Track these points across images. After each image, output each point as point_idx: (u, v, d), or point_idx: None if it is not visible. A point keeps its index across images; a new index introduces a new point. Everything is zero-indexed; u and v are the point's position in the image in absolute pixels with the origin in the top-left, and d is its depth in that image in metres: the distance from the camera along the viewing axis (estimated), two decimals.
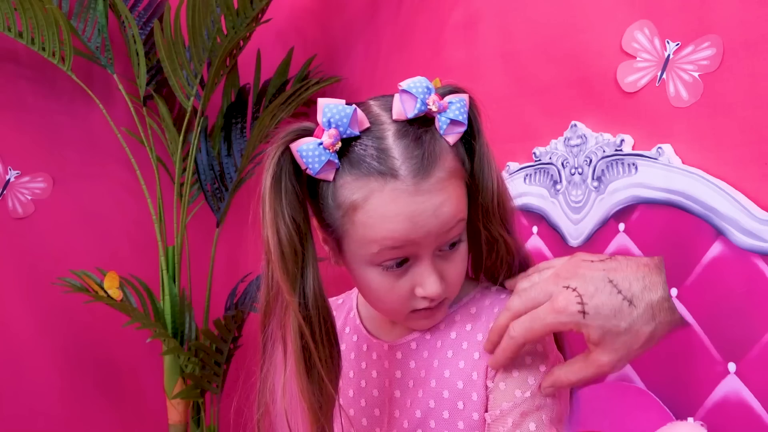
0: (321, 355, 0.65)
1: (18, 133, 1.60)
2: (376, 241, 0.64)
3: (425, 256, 0.66)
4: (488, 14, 1.29)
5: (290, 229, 0.64)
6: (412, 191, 0.64)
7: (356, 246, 0.66)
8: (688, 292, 0.96)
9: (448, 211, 0.65)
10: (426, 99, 0.65)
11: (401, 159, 0.64)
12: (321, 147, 0.64)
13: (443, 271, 0.67)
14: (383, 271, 0.66)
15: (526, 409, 0.67)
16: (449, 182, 0.66)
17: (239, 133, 1.64)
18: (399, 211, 0.63)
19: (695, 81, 0.97)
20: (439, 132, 0.66)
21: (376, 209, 0.64)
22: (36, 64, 1.59)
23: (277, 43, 1.78)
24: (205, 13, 1.41)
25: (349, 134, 0.64)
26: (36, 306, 1.58)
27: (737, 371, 0.91)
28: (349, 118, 0.64)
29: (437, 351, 0.73)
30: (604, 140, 1.08)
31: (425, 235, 0.64)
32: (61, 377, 1.61)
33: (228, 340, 1.47)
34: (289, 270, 0.64)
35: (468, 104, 0.68)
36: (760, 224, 0.89)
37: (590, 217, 1.10)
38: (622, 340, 0.62)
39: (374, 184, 0.64)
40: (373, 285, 0.68)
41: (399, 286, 0.67)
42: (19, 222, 1.60)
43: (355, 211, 0.65)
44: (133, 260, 1.63)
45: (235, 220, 1.71)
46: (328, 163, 0.64)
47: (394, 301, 0.68)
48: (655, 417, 0.96)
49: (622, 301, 0.62)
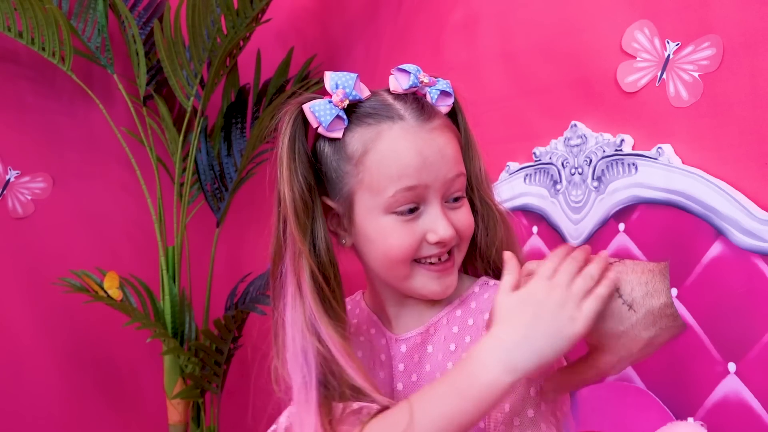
0: (333, 294, 0.72)
1: (18, 133, 1.60)
2: (391, 180, 0.70)
3: (435, 202, 0.71)
4: (488, 14, 1.29)
5: (302, 186, 0.72)
6: (418, 129, 0.71)
7: (369, 195, 0.72)
8: (688, 292, 0.96)
9: (451, 153, 0.72)
10: (418, 75, 0.74)
11: (404, 108, 0.72)
12: (331, 104, 0.72)
13: (452, 220, 0.72)
14: (397, 217, 0.71)
15: (525, 395, 0.68)
16: (448, 132, 0.74)
17: (239, 133, 1.64)
18: (409, 146, 0.70)
19: (695, 81, 0.97)
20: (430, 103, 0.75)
21: (389, 145, 0.71)
22: (36, 64, 1.59)
23: (277, 43, 1.78)
24: (205, 13, 1.41)
25: (354, 96, 0.72)
26: (36, 306, 1.58)
27: (737, 371, 0.91)
28: (354, 81, 0.72)
29: (441, 345, 0.75)
30: (604, 140, 1.08)
31: (434, 176, 0.70)
32: (61, 377, 1.61)
33: (228, 340, 1.47)
34: (301, 221, 0.72)
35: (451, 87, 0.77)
36: (760, 224, 0.89)
37: (590, 217, 1.10)
38: (620, 343, 0.63)
39: (383, 126, 0.71)
40: (386, 234, 0.72)
41: (412, 233, 0.71)
42: (19, 222, 1.60)
43: (366, 154, 0.71)
44: (133, 260, 1.63)
45: (235, 220, 1.71)
46: (338, 118, 0.72)
47: (406, 249, 0.71)
48: (655, 417, 0.96)
49: (621, 305, 0.62)
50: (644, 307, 0.62)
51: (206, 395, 1.54)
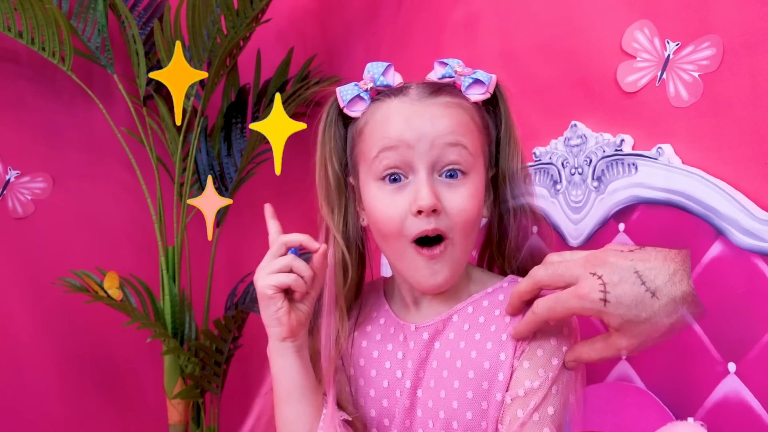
0: (354, 268, 0.78)
1: (18, 133, 1.60)
2: (375, 142, 0.73)
3: (421, 170, 0.72)
4: (488, 14, 1.29)
5: (331, 167, 0.77)
6: (415, 102, 0.74)
7: (364, 163, 0.75)
8: None
9: (446, 123, 0.73)
10: (455, 66, 0.76)
11: (414, 87, 0.76)
12: (356, 86, 0.77)
13: (443, 198, 0.72)
14: (384, 186, 0.73)
15: (547, 392, 0.70)
16: (455, 108, 0.74)
17: (239, 133, 1.64)
18: (399, 113, 0.73)
19: (695, 81, 0.97)
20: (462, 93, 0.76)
21: (381, 117, 0.74)
22: (36, 64, 1.59)
23: (277, 43, 1.78)
24: (205, 13, 1.41)
25: (382, 82, 0.76)
26: (36, 306, 1.58)
27: (737, 371, 0.91)
28: (384, 68, 0.76)
29: (464, 333, 0.75)
30: (604, 140, 1.08)
31: (418, 137, 0.71)
32: (61, 377, 1.61)
33: (228, 340, 1.47)
34: (331, 201, 0.77)
35: (495, 81, 0.78)
36: (760, 224, 0.89)
37: (590, 217, 1.10)
38: (641, 329, 0.64)
39: (385, 102, 0.75)
40: (376, 204, 0.74)
41: (397, 204, 0.73)
42: (19, 222, 1.59)
43: (366, 125, 0.76)
44: (133, 260, 1.63)
45: (235, 220, 1.71)
46: (359, 98, 0.76)
47: (392, 219, 0.73)
48: (655, 417, 0.96)
49: (644, 293, 0.63)
50: (667, 294, 0.63)
51: (206, 395, 1.54)
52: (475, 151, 0.74)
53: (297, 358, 0.74)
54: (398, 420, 0.76)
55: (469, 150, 0.73)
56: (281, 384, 0.74)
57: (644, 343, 0.65)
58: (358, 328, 0.82)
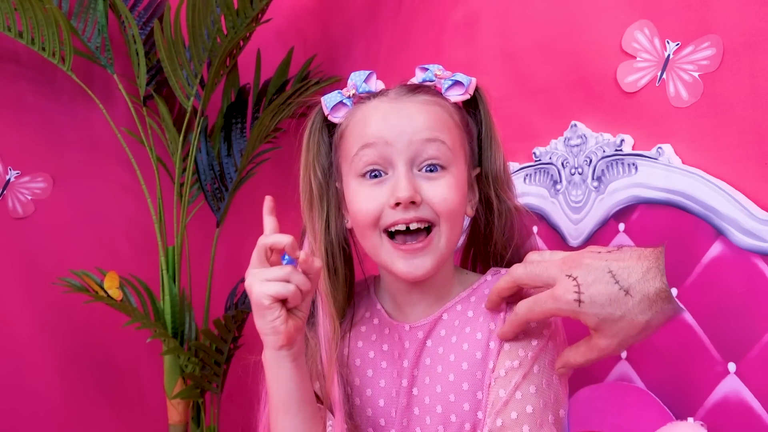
0: (342, 270, 0.79)
1: (18, 133, 1.60)
2: (355, 141, 0.75)
3: (400, 166, 0.73)
4: (488, 14, 1.29)
5: (314, 173, 0.79)
6: (393, 101, 0.76)
7: (345, 163, 0.77)
8: (688, 292, 0.96)
9: (423, 119, 0.74)
10: (434, 70, 0.78)
11: (394, 89, 0.78)
12: (339, 94, 0.79)
13: (424, 190, 0.73)
14: (364, 181, 0.75)
15: (528, 370, 0.71)
16: (432, 106, 0.76)
17: (239, 133, 1.64)
18: (377, 114, 0.75)
19: (695, 81, 0.97)
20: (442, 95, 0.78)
21: (361, 117, 0.76)
22: (36, 64, 1.59)
23: (277, 43, 1.78)
24: (205, 13, 1.41)
25: (364, 89, 0.78)
26: (36, 306, 1.58)
27: (737, 371, 0.91)
28: (365, 76, 0.79)
29: (455, 329, 0.77)
30: (604, 140, 1.08)
31: (396, 133, 0.73)
32: (60, 377, 1.61)
33: (228, 340, 1.47)
34: (314, 205, 0.78)
35: (475, 84, 0.80)
36: (760, 224, 0.89)
37: (590, 217, 1.10)
38: (618, 327, 0.65)
39: (365, 103, 0.78)
40: (355, 198, 0.76)
41: (376, 195, 0.74)
42: (19, 222, 1.59)
43: (347, 127, 0.78)
44: (133, 260, 1.63)
45: (235, 220, 1.71)
46: (341, 104, 0.79)
47: (370, 212, 0.74)
48: (655, 417, 0.96)
49: (618, 291, 0.64)
50: (640, 291, 0.63)
51: (206, 395, 1.54)
52: (454, 147, 0.75)
53: (293, 367, 0.71)
54: (395, 419, 0.77)
55: (447, 145, 0.74)
56: (277, 394, 0.72)
57: (624, 341, 0.66)
58: (353, 329, 0.82)
